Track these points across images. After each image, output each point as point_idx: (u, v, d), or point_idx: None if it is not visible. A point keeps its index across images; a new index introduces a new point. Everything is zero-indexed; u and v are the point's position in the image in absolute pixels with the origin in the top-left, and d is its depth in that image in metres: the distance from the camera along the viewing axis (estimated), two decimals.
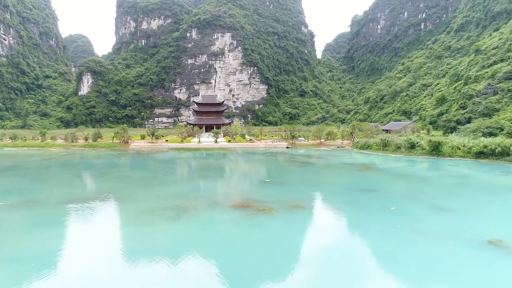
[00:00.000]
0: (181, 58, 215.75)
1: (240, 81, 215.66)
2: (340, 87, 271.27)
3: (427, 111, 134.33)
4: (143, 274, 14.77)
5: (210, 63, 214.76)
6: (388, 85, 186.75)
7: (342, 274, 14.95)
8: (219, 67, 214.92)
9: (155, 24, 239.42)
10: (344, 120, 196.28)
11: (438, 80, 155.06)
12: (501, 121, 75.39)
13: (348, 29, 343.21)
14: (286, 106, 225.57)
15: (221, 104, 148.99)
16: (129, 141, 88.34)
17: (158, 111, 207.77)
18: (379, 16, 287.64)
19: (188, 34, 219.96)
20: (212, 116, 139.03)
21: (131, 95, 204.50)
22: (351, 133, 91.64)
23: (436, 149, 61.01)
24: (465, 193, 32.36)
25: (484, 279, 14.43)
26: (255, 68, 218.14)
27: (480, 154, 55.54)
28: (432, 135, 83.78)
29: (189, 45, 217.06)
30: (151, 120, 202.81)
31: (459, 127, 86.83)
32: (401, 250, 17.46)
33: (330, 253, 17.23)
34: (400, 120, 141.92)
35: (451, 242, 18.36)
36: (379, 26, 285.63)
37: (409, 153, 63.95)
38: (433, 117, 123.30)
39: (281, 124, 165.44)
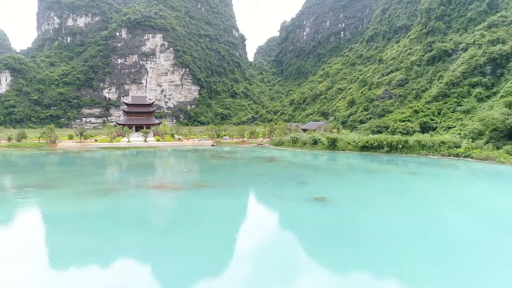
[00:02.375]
0: (110, 57, 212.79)
1: (172, 82, 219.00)
2: (270, 89, 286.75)
3: (340, 112, 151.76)
4: (76, 228, 22.14)
5: (141, 63, 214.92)
6: (310, 88, 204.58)
7: (223, 221, 23.77)
8: (151, 67, 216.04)
9: (81, 21, 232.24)
10: (272, 120, 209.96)
11: (351, 85, 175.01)
12: (388, 121, 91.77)
13: (278, 34, 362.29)
14: (218, 107, 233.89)
15: (151, 105, 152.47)
16: (57, 141, 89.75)
17: (86, 111, 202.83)
18: (304, 23, 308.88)
19: (117, 34, 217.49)
20: (142, 117, 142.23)
21: (56, 94, 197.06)
22: (270, 132, 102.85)
23: (333, 144, 73.93)
24: (328, 174, 43.75)
25: (307, 215, 24.26)
26: (187, 69, 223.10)
27: (364, 148, 69.26)
28: (342, 133, 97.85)
29: (119, 45, 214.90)
30: (79, 121, 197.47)
31: (360, 126, 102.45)
32: (264, 205, 26.94)
33: (219, 207, 26.01)
34: (318, 120, 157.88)
35: (295, 200, 28.35)
36: (305, 33, 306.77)
37: (313, 148, 76.24)
38: (345, 118, 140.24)
39: (214, 124, 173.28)
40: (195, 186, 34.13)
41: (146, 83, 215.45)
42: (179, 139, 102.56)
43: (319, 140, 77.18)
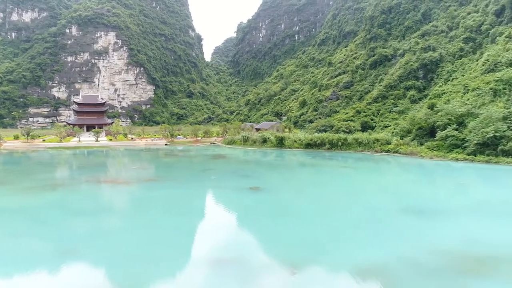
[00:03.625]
0: (60, 55, 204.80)
1: (126, 81, 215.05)
2: (227, 89, 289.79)
3: (293, 112, 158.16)
4: (28, 215, 24.14)
5: (93, 61, 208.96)
6: (265, 89, 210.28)
7: (167, 207, 26.68)
8: (103, 66, 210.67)
9: (27, 16, 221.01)
10: (228, 120, 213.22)
11: (303, 87, 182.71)
12: (333, 121, 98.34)
13: (235, 34, 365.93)
14: (174, 107, 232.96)
15: (103, 104, 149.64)
16: (1, 141, 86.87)
17: (33, 110, 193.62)
18: (260, 25, 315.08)
19: (67, 30, 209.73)
20: (93, 116, 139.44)
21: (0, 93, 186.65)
22: (223, 131, 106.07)
23: (280, 143, 78.61)
24: (269, 168, 47.94)
25: (239, 199, 27.78)
26: (142, 68, 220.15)
27: (308, 145, 74.52)
28: (294, 133, 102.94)
29: (69, 42, 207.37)
30: (25, 120, 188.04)
31: (308, 125, 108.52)
32: (203, 194, 30.19)
33: (165, 197, 28.85)
34: (272, 120, 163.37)
35: (232, 189, 31.89)
36: (260, 35, 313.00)
37: (262, 146, 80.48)
38: (297, 118, 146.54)
39: (169, 124, 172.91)
40: (144, 181, 36.65)
41: (99, 82, 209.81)
42: (132, 138, 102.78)
43: (268, 138, 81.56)
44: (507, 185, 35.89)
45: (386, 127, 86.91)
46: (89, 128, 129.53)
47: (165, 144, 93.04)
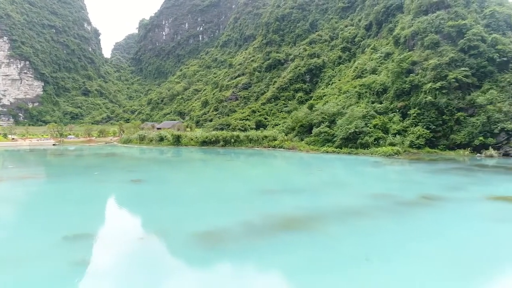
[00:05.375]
0: None
1: (7, 75, 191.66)
2: (128, 88, 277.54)
3: (195, 112, 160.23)
4: None
5: None
6: (167, 89, 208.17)
7: (44, 201, 26.96)
8: None
9: None
10: (128, 119, 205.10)
11: (206, 87, 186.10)
12: (230, 120, 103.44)
13: (137, 31, 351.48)
14: (68, 105, 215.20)
15: None
16: None
17: None
18: (164, 23, 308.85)
19: None
20: None
21: None
22: (120, 130, 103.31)
23: (177, 141, 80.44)
24: (157, 164, 50.00)
25: (119, 190, 29.38)
26: (27, 62, 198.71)
27: (204, 143, 77.87)
28: (195, 131, 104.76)
29: None
30: None
31: (206, 123, 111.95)
32: (82, 187, 30.97)
33: (41, 192, 28.82)
34: (175, 120, 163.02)
35: (114, 182, 33.32)
36: (164, 33, 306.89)
37: (159, 144, 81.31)
38: (199, 117, 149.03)
39: (64, 124, 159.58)
40: (18, 178, 35.53)
41: None
42: (13, 139, 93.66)
43: (165, 137, 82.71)
44: (352, 170, 44.10)
45: (276, 125, 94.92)
46: None
47: (53, 145, 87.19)
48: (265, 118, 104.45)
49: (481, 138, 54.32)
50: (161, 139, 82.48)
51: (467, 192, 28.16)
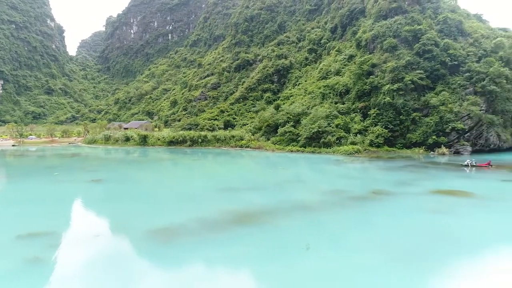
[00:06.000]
0: None
1: None
2: (94, 87, 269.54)
3: (164, 112, 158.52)
4: None
5: None
6: (136, 88, 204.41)
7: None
8: None
9: None
10: (95, 119, 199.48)
11: (175, 86, 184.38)
12: (198, 120, 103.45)
13: (104, 28, 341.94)
14: (29, 105, 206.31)
15: None
16: None
17: None
18: (132, 21, 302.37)
19: None
20: None
21: None
22: (85, 130, 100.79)
23: (144, 141, 79.62)
24: (120, 164, 49.69)
25: (77, 191, 29.25)
26: None
27: (171, 143, 77.58)
28: (163, 131, 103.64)
29: None
30: None
31: (174, 123, 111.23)
32: (39, 187, 30.56)
33: (5, 191, 28.25)
34: (143, 120, 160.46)
35: (74, 182, 33.05)
36: (132, 31, 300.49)
37: (125, 144, 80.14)
38: (168, 117, 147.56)
39: (25, 124, 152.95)
40: None
41: None
42: None
43: (131, 137, 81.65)
44: (313, 168, 45.79)
45: (244, 125, 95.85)
46: None
47: (13, 145, 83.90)
48: (234, 118, 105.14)
49: (434, 137, 57.73)
50: (127, 139, 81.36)
51: (414, 187, 30.23)
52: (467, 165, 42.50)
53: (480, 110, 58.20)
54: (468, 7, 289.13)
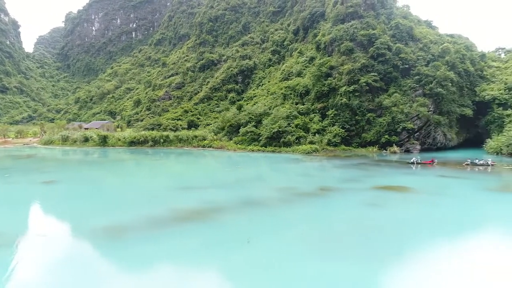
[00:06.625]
0: None
1: None
2: (53, 85, 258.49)
3: (127, 111, 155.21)
4: None
5: None
6: (97, 87, 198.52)
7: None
8: None
9: None
10: (53, 119, 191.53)
11: (138, 86, 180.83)
12: (162, 120, 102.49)
13: (63, 25, 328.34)
14: None
15: None
16: None
17: None
18: (93, 17, 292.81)
19: None
20: None
21: None
22: (41, 131, 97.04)
23: (104, 141, 77.95)
24: (75, 165, 48.82)
25: (27, 193, 28.67)
26: None
27: (132, 143, 76.50)
28: (125, 131, 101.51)
29: None
30: None
31: (137, 123, 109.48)
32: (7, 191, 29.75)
33: None
34: (105, 120, 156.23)
35: (25, 183, 32.27)
36: (94, 28, 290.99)
37: (84, 145, 78.10)
38: (131, 117, 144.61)
39: None
40: None
41: None
42: None
43: (91, 137, 79.71)
44: (271, 167, 47.21)
45: (208, 125, 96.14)
46: None
47: None
48: (198, 118, 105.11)
49: (386, 136, 60.96)
50: (86, 139, 79.32)
51: (359, 183, 32.18)
52: (413, 163, 45.51)
53: (428, 111, 62.12)
54: (420, 14, 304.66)
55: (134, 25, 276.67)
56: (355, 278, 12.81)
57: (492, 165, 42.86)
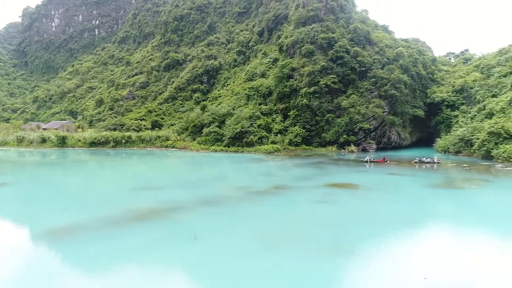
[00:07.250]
0: None
1: None
2: (9, 84, 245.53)
3: (89, 111, 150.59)
4: None
5: None
6: (57, 85, 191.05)
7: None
8: None
9: None
10: (9, 119, 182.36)
11: (101, 85, 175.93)
12: (125, 120, 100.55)
13: (20, 20, 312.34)
14: None
15: None
16: None
17: None
18: (53, 13, 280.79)
19: None
20: None
21: None
22: None
23: (62, 142, 75.75)
24: (29, 167, 47.43)
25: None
26: None
27: (92, 144, 74.89)
28: (86, 132, 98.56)
29: None
30: None
31: (99, 123, 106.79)
32: None
33: None
34: (65, 119, 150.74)
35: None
36: (53, 24, 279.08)
37: (41, 146, 75.50)
38: (93, 117, 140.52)
39: None
40: None
41: None
42: None
43: (48, 138, 77.19)
44: (232, 167, 48.11)
45: (172, 125, 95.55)
46: None
47: None
48: (162, 118, 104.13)
49: (344, 136, 63.56)
50: (43, 140, 76.73)
51: (313, 181, 33.74)
52: (367, 161, 47.93)
53: (383, 112, 65.40)
54: (378, 18, 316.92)
55: (97, 22, 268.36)
56: (299, 271, 13.87)
57: (438, 162, 46.03)
